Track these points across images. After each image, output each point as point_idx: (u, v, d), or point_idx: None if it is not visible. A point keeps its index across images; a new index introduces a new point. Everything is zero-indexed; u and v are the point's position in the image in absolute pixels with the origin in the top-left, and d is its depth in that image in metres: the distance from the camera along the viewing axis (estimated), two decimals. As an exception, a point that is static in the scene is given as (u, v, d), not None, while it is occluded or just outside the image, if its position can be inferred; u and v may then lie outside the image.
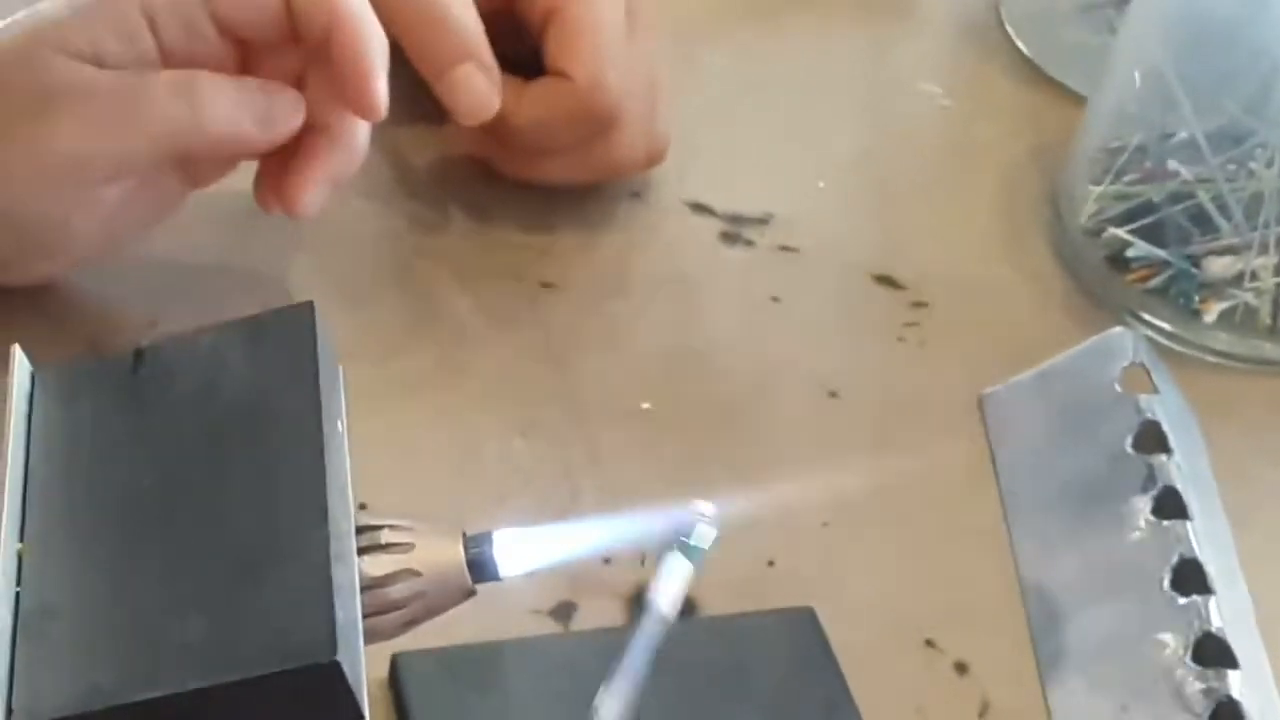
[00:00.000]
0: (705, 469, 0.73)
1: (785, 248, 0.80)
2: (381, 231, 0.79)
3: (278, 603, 0.43)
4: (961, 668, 0.68)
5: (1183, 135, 0.79)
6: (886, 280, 0.80)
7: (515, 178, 0.78)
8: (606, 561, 0.69)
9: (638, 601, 0.68)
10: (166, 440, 0.46)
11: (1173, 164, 0.79)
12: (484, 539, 0.48)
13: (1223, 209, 0.78)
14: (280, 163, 0.67)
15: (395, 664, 0.64)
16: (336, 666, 0.42)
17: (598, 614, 0.68)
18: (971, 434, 0.75)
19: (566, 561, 0.50)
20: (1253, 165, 0.77)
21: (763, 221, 0.81)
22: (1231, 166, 0.78)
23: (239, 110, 0.63)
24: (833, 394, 0.76)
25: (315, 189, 0.65)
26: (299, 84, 0.66)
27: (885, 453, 0.74)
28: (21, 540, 0.45)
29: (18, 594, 0.44)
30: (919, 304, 0.79)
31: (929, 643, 0.68)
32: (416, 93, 0.74)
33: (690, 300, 0.78)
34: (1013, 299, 0.80)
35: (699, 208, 0.81)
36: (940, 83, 0.89)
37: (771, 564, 0.70)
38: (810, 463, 0.74)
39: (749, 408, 0.75)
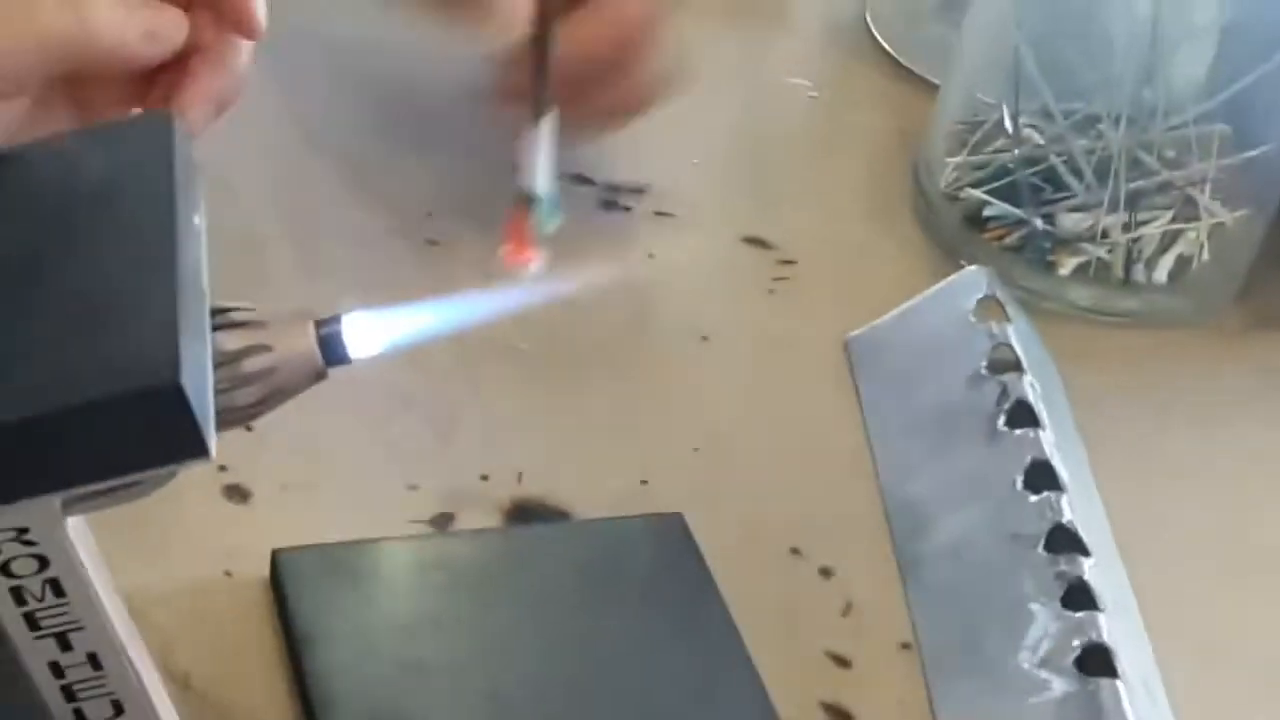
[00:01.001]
0: (581, 404, 0.75)
1: (661, 213, 0.84)
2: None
3: (124, 341, 0.45)
4: (826, 572, 0.70)
5: (1035, 105, 0.83)
6: (757, 241, 0.83)
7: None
8: (484, 478, 0.72)
9: (514, 514, 0.71)
10: (21, 225, 0.48)
11: (1026, 130, 0.83)
12: (334, 320, 0.50)
13: (1074, 170, 0.82)
14: (164, 94, 0.70)
15: (275, 561, 0.66)
16: (179, 390, 0.44)
17: (474, 524, 0.70)
18: (838, 374, 0.78)
19: (417, 341, 0.52)
20: (1101, 127, 0.81)
21: (639, 191, 0.85)
22: (1081, 128, 0.82)
23: (125, 23, 0.65)
24: (704, 338, 0.79)
25: (199, 110, 0.68)
26: (184, 5, 0.69)
27: (755, 390, 0.78)
28: None
29: None
30: (787, 261, 0.82)
31: (794, 550, 0.71)
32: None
33: (569, 255, 0.81)
34: (876, 257, 0.84)
35: (580, 179, 0.85)
36: (810, 77, 0.94)
37: (645, 482, 0.72)
38: (682, 398, 0.76)
39: (623, 350, 0.78)
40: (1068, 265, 0.82)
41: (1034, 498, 0.68)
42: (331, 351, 0.50)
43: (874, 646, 0.68)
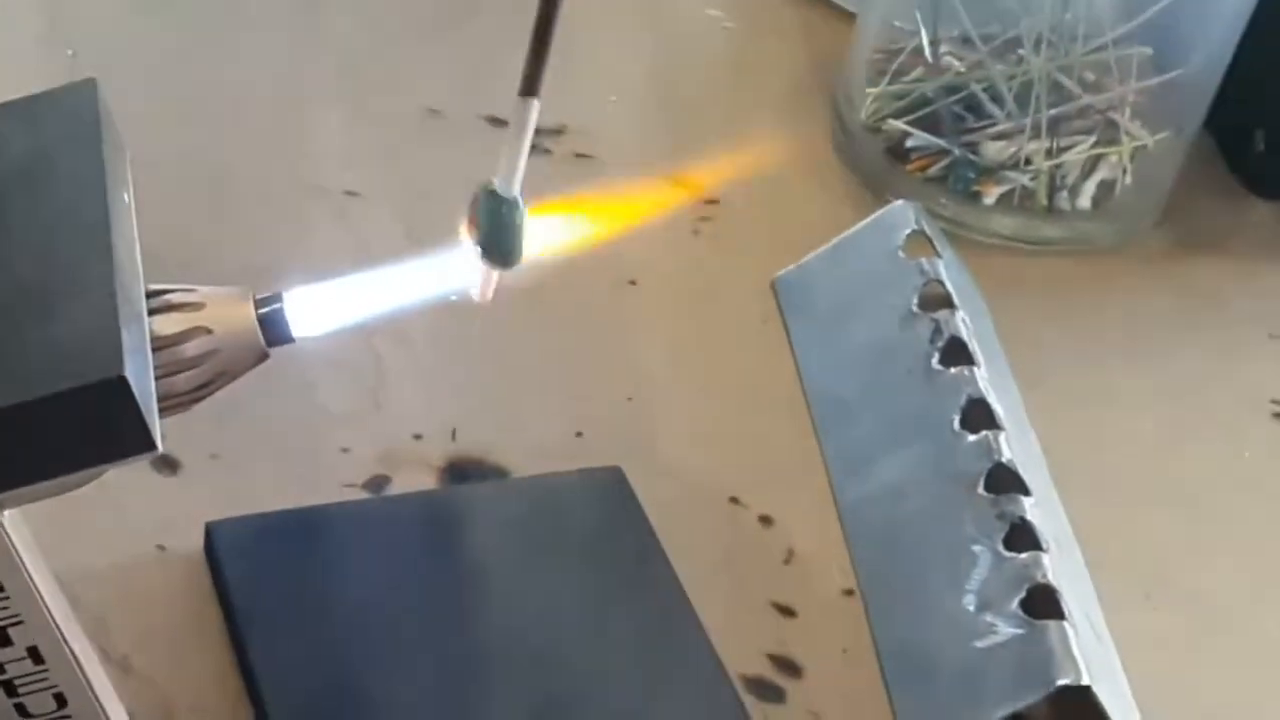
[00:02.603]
0: (512, 352, 0.74)
1: (580, 155, 0.83)
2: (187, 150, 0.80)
3: (62, 332, 0.43)
4: (766, 520, 0.70)
5: (954, 33, 0.83)
6: (678, 181, 0.82)
7: None
8: (418, 437, 0.71)
9: (449, 473, 0.70)
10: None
11: (945, 58, 0.82)
12: (275, 298, 0.49)
13: (995, 98, 0.81)
14: None
15: (209, 532, 0.65)
16: (123, 382, 0.42)
17: (410, 485, 0.69)
18: (766, 315, 0.77)
19: (362, 320, 0.50)
20: (1021, 52, 0.81)
21: (558, 132, 0.83)
22: (1001, 54, 0.81)
23: None
24: (632, 282, 0.78)
25: None
26: None
27: (684, 334, 0.77)
28: None
29: None
30: (710, 201, 0.82)
31: (734, 500, 0.70)
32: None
33: (490, 203, 0.80)
34: (799, 195, 0.83)
35: (495, 120, 0.83)
36: (724, 8, 0.92)
37: (580, 435, 0.72)
38: (612, 346, 0.76)
39: (550, 298, 0.77)
40: (992, 194, 0.81)
41: (972, 437, 0.68)
42: (274, 331, 0.48)
43: (817, 594, 0.67)
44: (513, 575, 0.66)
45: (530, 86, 0.51)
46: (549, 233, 0.55)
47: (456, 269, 0.52)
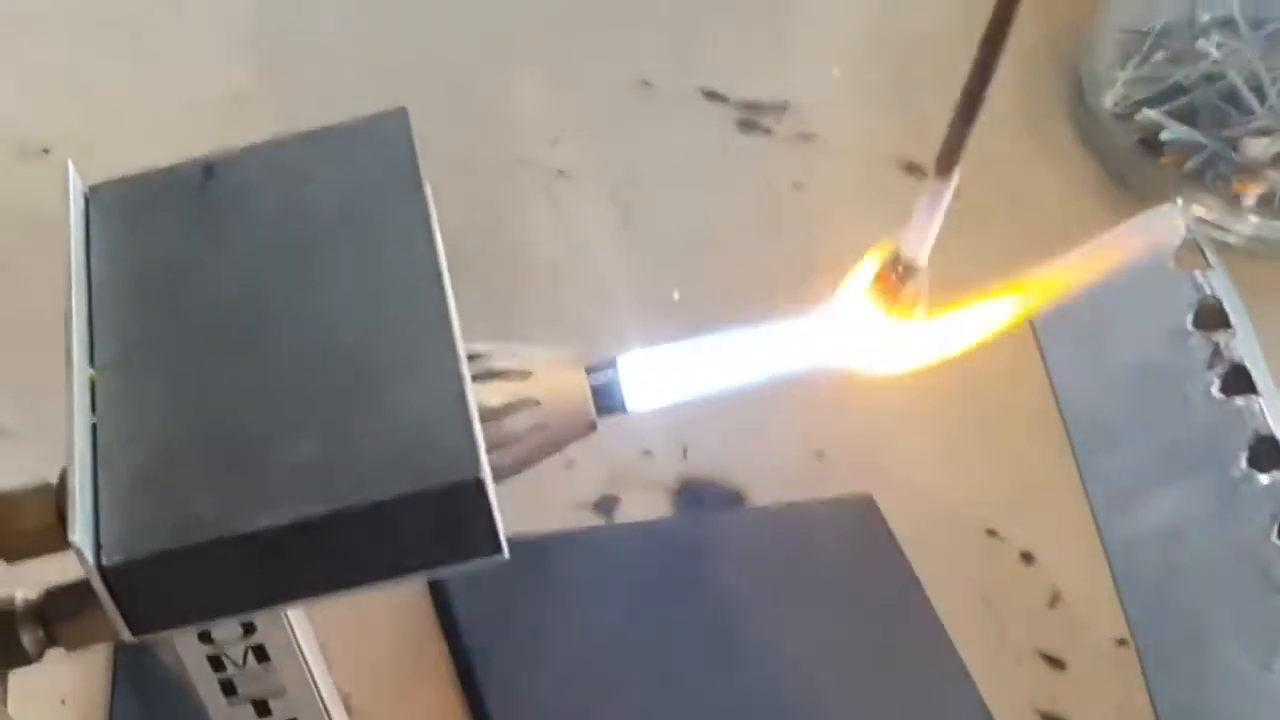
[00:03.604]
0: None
1: (804, 135, 0.76)
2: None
3: (403, 417, 0.37)
4: (1028, 558, 0.64)
5: (1209, 16, 0.76)
6: (911, 167, 0.76)
7: None
8: (647, 453, 0.65)
9: (682, 494, 0.64)
10: (251, 254, 0.40)
11: (1202, 43, 0.76)
12: (609, 364, 0.43)
13: (1257, 90, 0.75)
14: None
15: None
16: (479, 485, 0.37)
17: (641, 507, 0.64)
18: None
19: (704, 395, 0.45)
20: (1288, 41, 0.74)
21: (780, 109, 0.77)
22: (1264, 44, 0.75)
23: None
24: (868, 281, 0.72)
25: None
26: None
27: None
28: (93, 366, 0.40)
29: (94, 425, 0.38)
30: (948, 191, 0.75)
31: (990, 532, 0.65)
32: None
33: (710, 188, 0.74)
34: (1041, 184, 0.76)
35: (712, 95, 0.77)
36: (949, -29, 0.86)
37: (820, 455, 0.66)
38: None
39: (779, 302, 0.71)
40: (1251, 195, 0.75)
41: (1264, 479, 0.62)
42: (607, 402, 0.42)
43: (1087, 643, 0.62)
44: (760, 614, 0.60)
45: (948, 165, 0.44)
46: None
47: (825, 341, 0.46)
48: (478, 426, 0.38)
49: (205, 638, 0.42)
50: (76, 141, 0.71)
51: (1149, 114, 0.76)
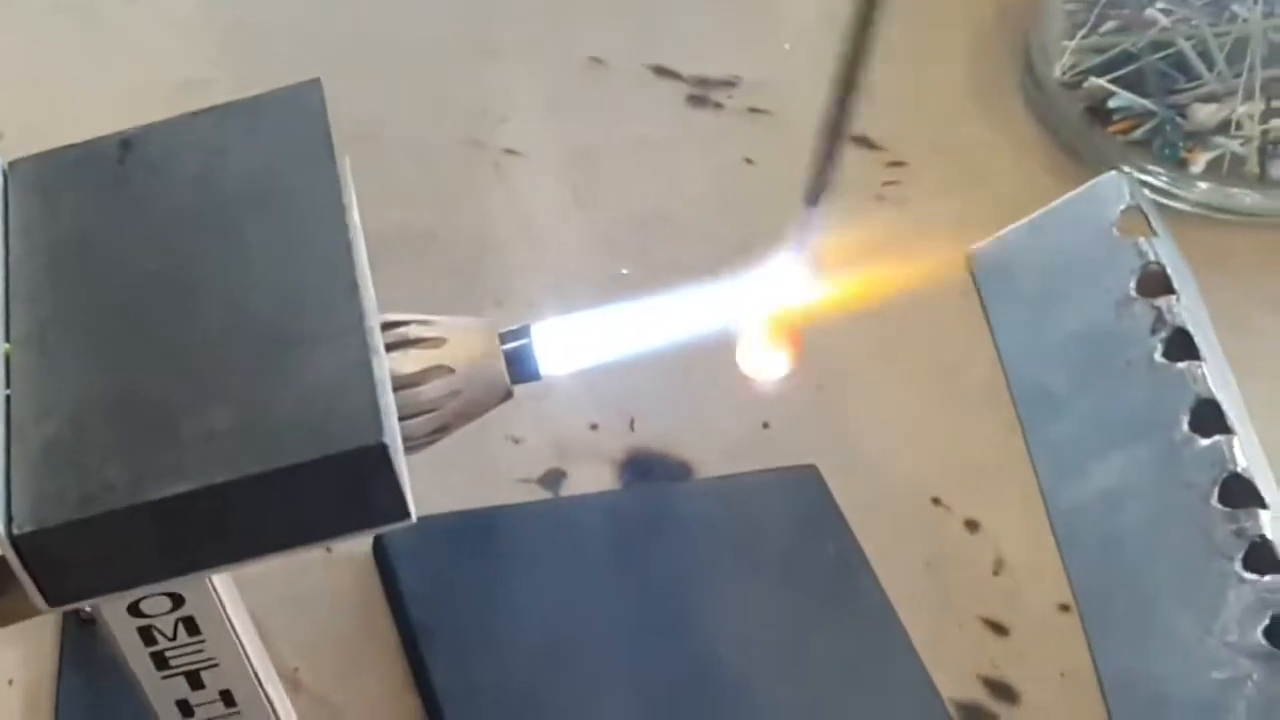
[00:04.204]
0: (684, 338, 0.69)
1: (755, 110, 0.77)
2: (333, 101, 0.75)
3: (311, 385, 0.38)
4: (972, 525, 0.64)
5: (1161, -19, 0.77)
6: (862, 140, 0.76)
7: None
8: (594, 427, 0.66)
9: (628, 467, 0.65)
10: (167, 227, 0.41)
11: (1150, 11, 0.76)
12: (522, 332, 0.43)
13: (1204, 56, 0.75)
14: None
15: (379, 534, 0.60)
16: (382, 449, 0.37)
17: (587, 480, 0.64)
18: (963, 292, 0.72)
19: (616, 360, 0.45)
20: (1235, 8, 0.75)
21: (730, 84, 0.77)
22: (1212, 10, 0.75)
23: None
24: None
25: None
26: None
27: (877, 315, 0.71)
28: (8, 340, 0.40)
29: (8, 397, 0.39)
30: (896, 163, 0.76)
31: (936, 501, 0.65)
32: None
33: (661, 164, 0.74)
34: (991, 155, 0.77)
35: (663, 71, 0.77)
36: (900, -55, 0.86)
37: (766, 426, 0.66)
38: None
39: (726, 270, 0.71)
40: (1199, 161, 0.75)
41: (1204, 442, 0.62)
42: (521, 369, 0.43)
43: (1030, 610, 0.62)
44: (705, 586, 0.61)
45: (815, 195, 0.45)
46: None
47: (730, 303, 0.46)
48: (384, 393, 0.38)
49: (135, 610, 0.43)
50: (31, 129, 0.71)
51: (1096, 82, 0.76)
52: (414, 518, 0.39)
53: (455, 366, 0.41)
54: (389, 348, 0.41)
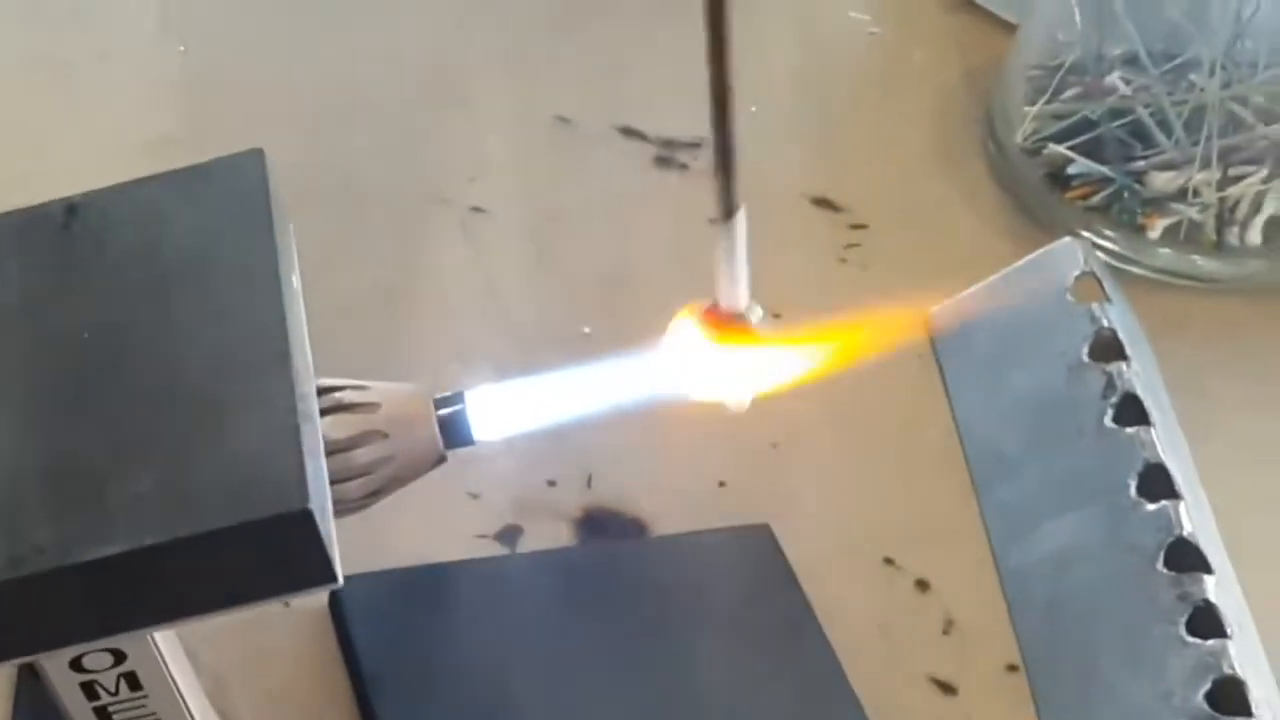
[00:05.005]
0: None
1: (719, 171, 0.78)
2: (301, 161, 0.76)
3: (238, 451, 0.39)
4: (923, 585, 0.65)
5: (1119, 51, 0.77)
6: (824, 203, 0.77)
7: None
8: (551, 484, 0.67)
9: (585, 524, 0.66)
10: (106, 293, 0.42)
11: (1110, 79, 0.77)
12: (456, 398, 0.44)
13: (1163, 124, 0.76)
14: None
15: (334, 590, 0.61)
16: (307, 516, 0.38)
17: (544, 537, 0.65)
18: (919, 353, 0.72)
19: (547, 426, 0.46)
20: (1193, 77, 0.76)
21: (694, 146, 0.79)
22: (1171, 79, 0.76)
23: None
24: (776, 315, 0.73)
25: None
26: None
27: (834, 376, 0.72)
28: None
29: None
30: (858, 226, 0.77)
31: (888, 560, 0.66)
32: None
33: (625, 224, 0.76)
34: (952, 220, 0.78)
35: (630, 132, 0.79)
36: (869, 11, 0.87)
37: (722, 484, 0.67)
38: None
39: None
40: (1157, 227, 0.76)
41: (1150, 507, 0.63)
42: (454, 435, 0.44)
43: (979, 669, 0.63)
44: (655, 642, 0.61)
45: (727, 211, 0.46)
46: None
47: (666, 372, 0.47)
48: (314, 458, 0.39)
49: (76, 666, 0.44)
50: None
51: (1055, 149, 0.77)
52: (340, 581, 0.40)
53: (389, 432, 0.43)
54: (323, 412, 0.42)
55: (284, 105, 0.78)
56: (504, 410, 0.45)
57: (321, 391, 0.43)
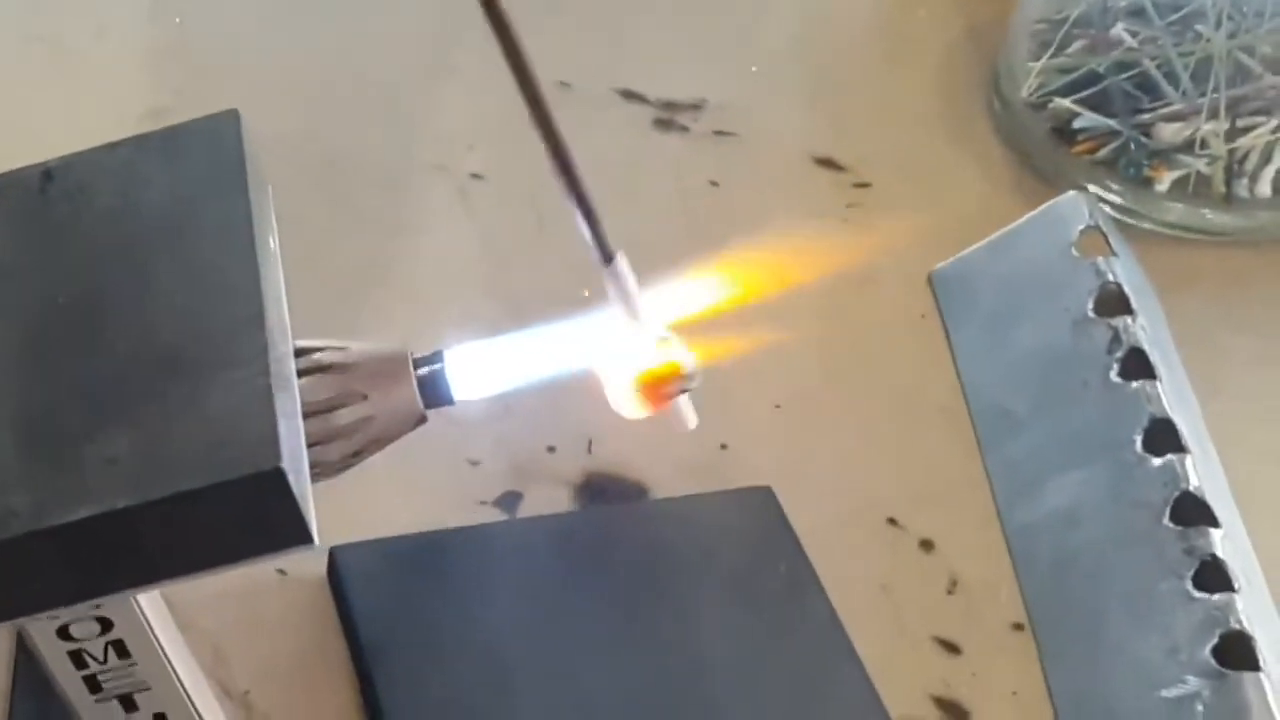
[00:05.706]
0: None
1: (721, 132, 0.77)
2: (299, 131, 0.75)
3: (211, 413, 0.39)
4: (927, 545, 0.65)
5: (1124, 2, 0.77)
6: (827, 162, 0.77)
7: None
8: (551, 450, 0.66)
9: (585, 489, 0.65)
10: (82, 255, 0.42)
11: (1116, 31, 0.76)
12: (435, 357, 0.44)
13: (1169, 75, 0.75)
14: None
15: (333, 557, 0.61)
16: (280, 475, 0.38)
17: (544, 502, 0.65)
18: (924, 312, 0.72)
19: (527, 385, 0.46)
20: (1199, 28, 0.75)
21: (696, 107, 0.78)
22: (1177, 30, 0.75)
23: None
24: (781, 278, 0.73)
25: None
26: None
27: (835, 333, 0.71)
28: None
29: None
30: (861, 185, 0.76)
31: (891, 521, 0.65)
32: None
33: (626, 187, 0.75)
34: (957, 177, 0.77)
35: (630, 94, 0.78)
36: (870, -31, 0.86)
37: (724, 447, 0.67)
38: (761, 345, 0.70)
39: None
40: (1165, 180, 0.75)
41: (1156, 461, 0.62)
42: (434, 394, 0.44)
43: (983, 628, 0.62)
44: (656, 606, 0.61)
45: (606, 256, 0.45)
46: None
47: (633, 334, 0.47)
48: (290, 419, 0.39)
49: (64, 634, 0.43)
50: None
51: (1061, 103, 0.76)
52: (316, 542, 0.39)
53: (367, 392, 0.42)
54: (301, 374, 0.41)
55: (282, 76, 0.78)
56: (484, 369, 0.44)
57: (300, 353, 0.42)
